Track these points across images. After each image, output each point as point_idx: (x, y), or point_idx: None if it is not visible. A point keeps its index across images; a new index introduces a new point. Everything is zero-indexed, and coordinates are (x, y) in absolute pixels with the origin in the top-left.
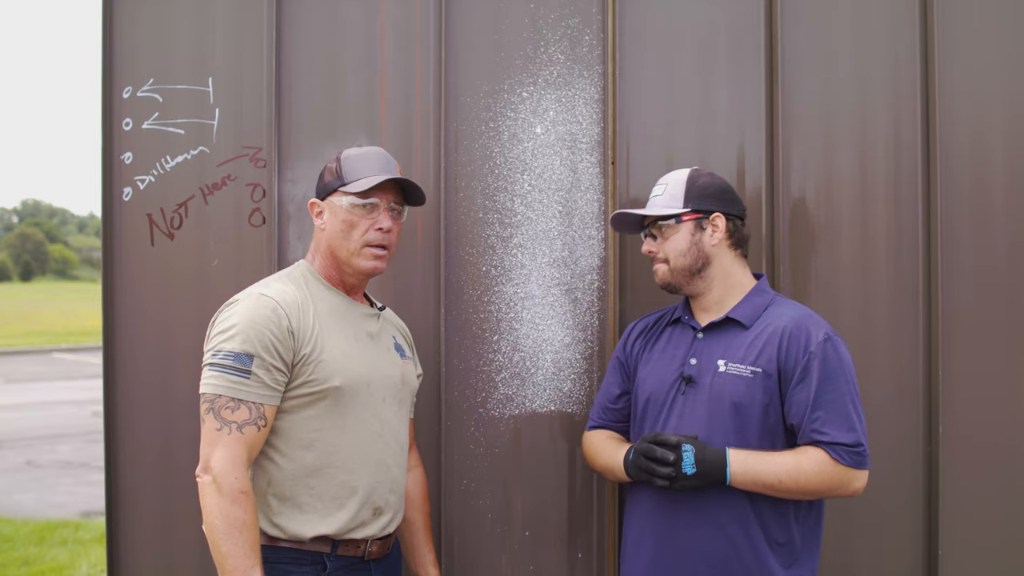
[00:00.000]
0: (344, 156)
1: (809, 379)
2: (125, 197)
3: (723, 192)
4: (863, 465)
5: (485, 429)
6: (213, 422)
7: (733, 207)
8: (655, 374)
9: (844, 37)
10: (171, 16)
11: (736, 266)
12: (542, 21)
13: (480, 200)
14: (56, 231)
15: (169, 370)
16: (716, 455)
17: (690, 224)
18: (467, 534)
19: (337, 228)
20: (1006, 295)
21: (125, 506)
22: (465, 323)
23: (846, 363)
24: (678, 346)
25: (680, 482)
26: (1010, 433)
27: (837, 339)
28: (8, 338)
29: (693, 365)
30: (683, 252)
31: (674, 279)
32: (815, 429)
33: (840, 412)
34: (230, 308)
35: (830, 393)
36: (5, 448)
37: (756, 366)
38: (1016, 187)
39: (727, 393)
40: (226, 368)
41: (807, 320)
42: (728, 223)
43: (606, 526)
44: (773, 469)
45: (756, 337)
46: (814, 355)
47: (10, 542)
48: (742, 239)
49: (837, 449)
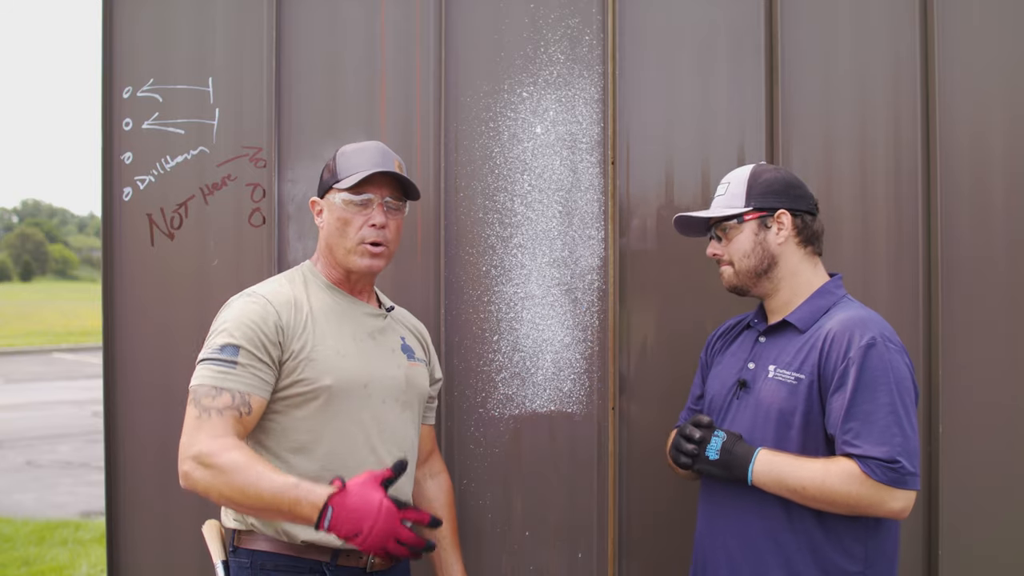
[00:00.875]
0: (340, 152)
1: (845, 386)
2: (125, 197)
3: (788, 187)
4: (902, 484)
5: (485, 429)
6: (192, 410)
7: (800, 202)
8: (720, 377)
9: (844, 37)
10: (171, 16)
11: (805, 265)
12: (542, 21)
13: (480, 200)
14: (56, 231)
15: (169, 370)
16: (745, 450)
17: (753, 223)
18: (467, 534)
19: (333, 226)
20: (1006, 295)
21: (125, 506)
22: (465, 323)
23: (893, 371)
24: (744, 350)
25: (699, 464)
26: (1010, 433)
27: (887, 344)
28: (8, 338)
29: (751, 370)
30: (747, 253)
31: (740, 281)
32: (847, 441)
33: (877, 423)
34: (222, 311)
35: (867, 403)
36: (5, 448)
37: (800, 372)
38: (1016, 186)
39: (772, 400)
40: (211, 360)
41: (856, 323)
42: (795, 219)
43: (606, 526)
44: (798, 474)
45: (806, 342)
46: (853, 360)
47: (10, 542)
48: (813, 235)
49: (869, 463)
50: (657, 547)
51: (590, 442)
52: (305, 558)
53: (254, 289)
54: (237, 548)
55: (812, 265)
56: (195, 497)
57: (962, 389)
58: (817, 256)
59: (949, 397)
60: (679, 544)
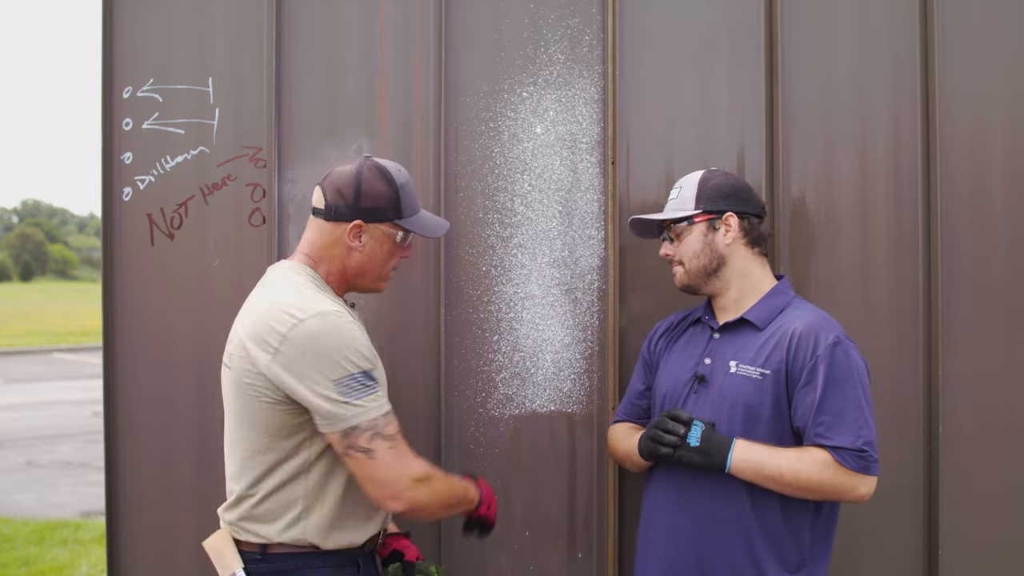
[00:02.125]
0: (401, 186)
1: (815, 382)
2: (125, 197)
3: (735, 191)
4: (869, 471)
5: (485, 429)
6: (382, 443)
7: (747, 205)
8: (672, 372)
9: (844, 37)
10: (171, 16)
11: (753, 265)
12: (542, 21)
13: (480, 200)
14: (56, 231)
15: (169, 370)
16: (723, 440)
17: (702, 225)
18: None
19: (379, 255)
20: (1007, 294)
21: (125, 506)
22: (465, 323)
23: (856, 368)
24: (696, 345)
25: (682, 451)
26: (1010, 434)
27: (848, 343)
28: (8, 338)
29: (707, 365)
30: (697, 253)
31: (691, 280)
32: (819, 433)
33: (846, 417)
34: (321, 335)
35: (836, 398)
36: (5, 448)
37: (766, 368)
38: (1016, 186)
39: (737, 394)
40: (366, 390)
41: (819, 324)
42: (742, 221)
43: (606, 526)
44: (776, 461)
45: (768, 339)
46: (821, 358)
47: (10, 542)
48: (759, 238)
49: (842, 453)
50: None
51: (590, 442)
52: (344, 550)
53: (322, 308)
54: (268, 554)
55: (760, 265)
56: (195, 498)
57: (962, 388)
58: (764, 257)
59: (949, 397)
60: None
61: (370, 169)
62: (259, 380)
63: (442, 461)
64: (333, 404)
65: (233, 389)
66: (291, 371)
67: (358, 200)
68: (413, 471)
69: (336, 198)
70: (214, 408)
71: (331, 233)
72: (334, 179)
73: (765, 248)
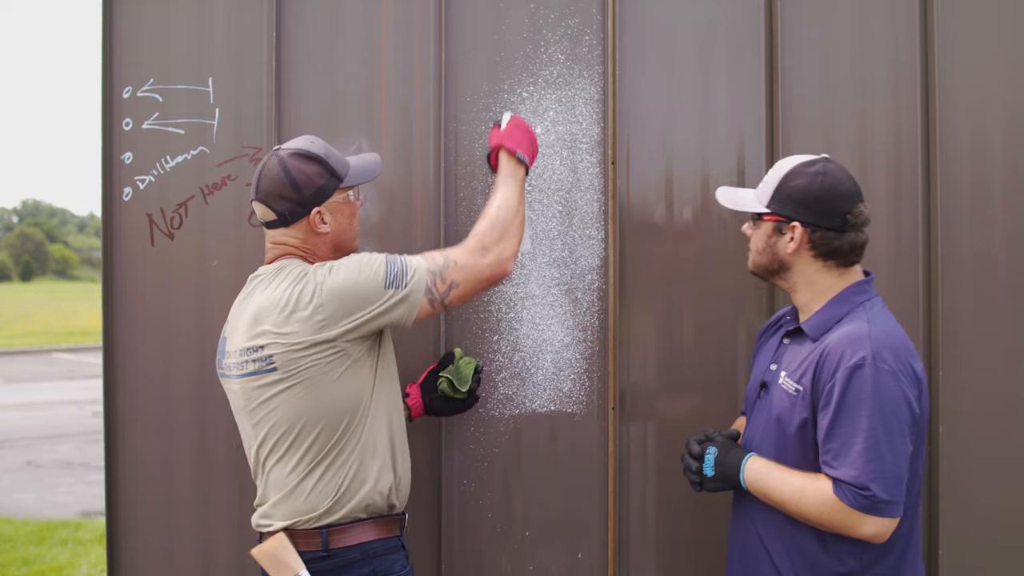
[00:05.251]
0: (324, 155)
1: (829, 406)
2: (125, 197)
3: (815, 199)
4: (873, 511)
5: (485, 429)
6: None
7: (823, 218)
8: (754, 374)
9: (844, 36)
10: (171, 16)
11: (822, 276)
12: (542, 21)
13: (480, 200)
14: (56, 231)
15: (169, 370)
16: (735, 459)
17: (769, 225)
18: (467, 534)
19: (345, 222)
20: (1007, 294)
21: (125, 506)
22: (465, 323)
23: (878, 394)
24: (772, 349)
25: (707, 484)
26: (1011, 435)
27: (879, 366)
28: (8, 338)
29: (772, 372)
30: (760, 250)
31: (755, 270)
32: (826, 461)
33: (853, 448)
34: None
35: (846, 426)
36: (5, 448)
37: (800, 384)
38: (1016, 186)
39: (776, 407)
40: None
41: (852, 340)
42: (811, 233)
43: (606, 526)
44: (780, 488)
45: (811, 352)
46: (837, 381)
47: (10, 542)
48: (833, 252)
49: (842, 487)
50: (657, 547)
51: (590, 442)
52: (396, 536)
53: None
54: (331, 549)
55: (832, 276)
56: (195, 498)
57: (962, 388)
58: (842, 268)
59: (949, 397)
60: (679, 543)
61: (290, 159)
62: (311, 355)
63: (442, 461)
64: (398, 295)
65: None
66: (347, 306)
67: (301, 193)
68: (480, 256)
69: (282, 203)
70: (214, 408)
71: (297, 232)
72: (267, 188)
73: (846, 261)
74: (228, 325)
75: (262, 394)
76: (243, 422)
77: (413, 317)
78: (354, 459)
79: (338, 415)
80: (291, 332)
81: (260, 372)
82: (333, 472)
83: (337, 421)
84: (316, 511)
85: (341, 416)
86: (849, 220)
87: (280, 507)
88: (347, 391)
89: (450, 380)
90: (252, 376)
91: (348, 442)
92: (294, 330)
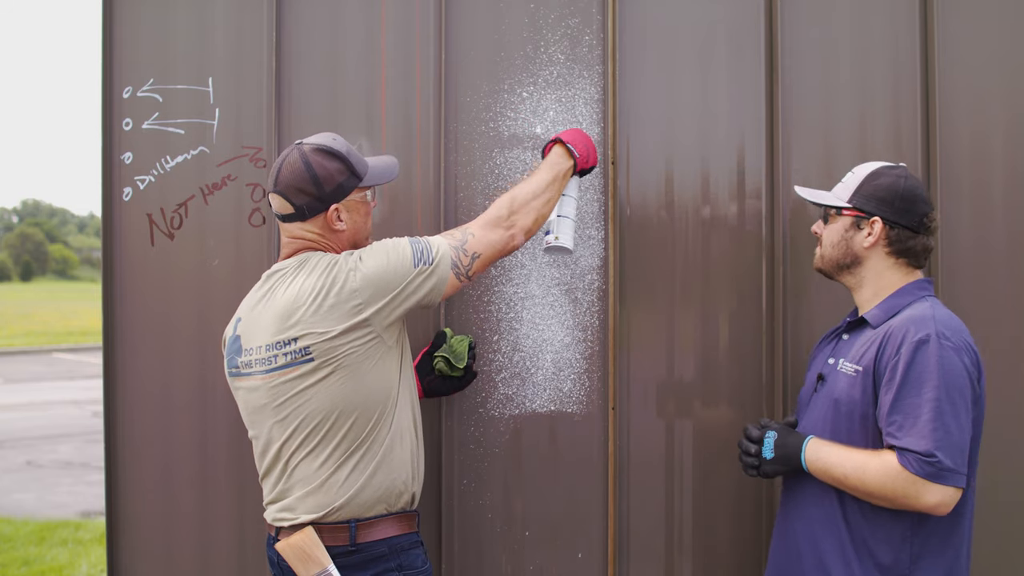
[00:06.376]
0: (346, 153)
1: (894, 380)
2: (125, 197)
3: (897, 198)
4: (938, 479)
5: (485, 429)
6: (471, 243)
7: (903, 216)
8: (809, 376)
9: (844, 36)
10: (171, 16)
11: (892, 273)
12: (542, 21)
13: (480, 200)
14: (56, 231)
15: (169, 370)
16: (796, 440)
17: (848, 220)
18: (467, 534)
19: (360, 220)
20: (1007, 294)
21: (125, 506)
22: (465, 323)
23: (944, 368)
24: (829, 347)
25: (764, 467)
26: (1011, 437)
27: (943, 342)
28: (8, 338)
29: (830, 365)
30: (834, 244)
31: (824, 266)
32: (890, 433)
33: (919, 418)
34: (372, 256)
35: (912, 397)
36: (5, 448)
37: (859, 364)
38: (1016, 185)
39: (834, 390)
40: (426, 249)
41: (915, 320)
42: (889, 230)
43: (606, 526)
44: (842, 463)
45: (872, 336)
46: (902, 356)
47: (10, 542)
48: (906, 250)
49: (907, 455)
50: (657, 547)
51: (590, 442)
52: (416, 532)
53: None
54: (359, 544)
55: (901, 274)
56: (195, 498)
57: None
58: (911, 268)
59: None
60: (679, 543)
61: (312, 154)
62: (348, 342)
63: (442, 461)
64: (427, 271)
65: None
66: (381, 289)
67: (322, 188)
68: (493, 226)
69: (301, 197)
70: (214, 408)
71: (313, 226)
72: (287, 181)
73: (916, 262)
74: (241, 324)
75: (294, 387)
76: (264, 420)
77: (442, 292)
78: (384, 449)
79: (372, 404)
80: (327, 319)
81: (293, 364)
82: (365, 463)
83: (371, 410)
84: (346, 503)
85: (375, 405)
86: (924, 223)
87: (307, 500)
88: (382, 380)
89: (446, 359)
90: (283, 369)
91: (380, 432)
92: (330, 317)
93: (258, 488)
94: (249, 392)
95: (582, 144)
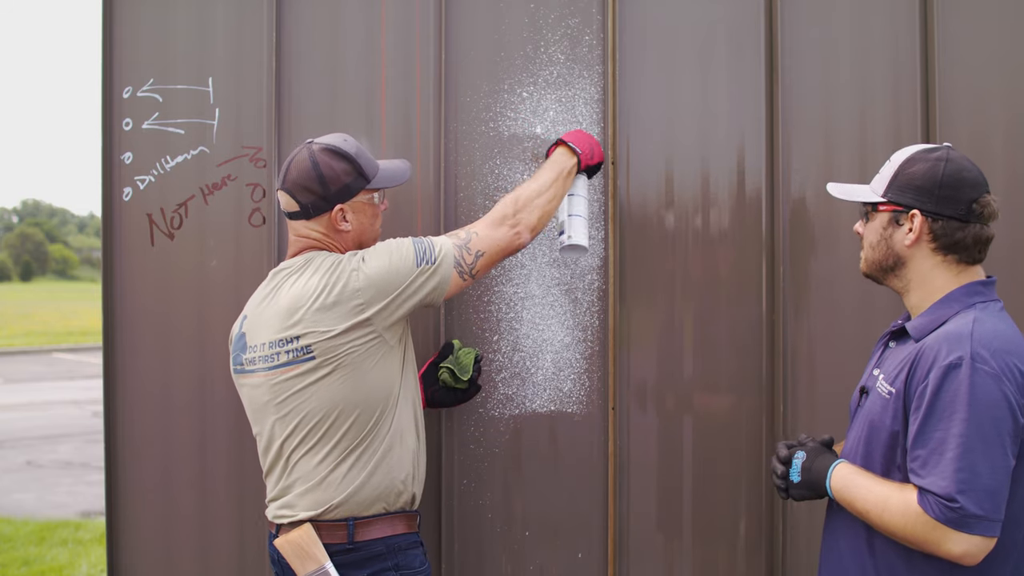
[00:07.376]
0: (356, 154)
1: (919, 409)
2: (125, 197)
3: (937, 186)
4: (962, 527)
5: (485, 429)
6: (475, 242)
7: (945, 205)
8: (861, 381)
9: (844, 36)
10: (171, 16)
11: (939, 273)
12: (542, 21)
13: (480, 200)
14: (56, 231)
15: (169, 370)
16: (823, 464)
17: (885, 216)
18: (467, 534)
19: (367, 222)
20: (1007, 296)
21: (125, 506)
22: (465, 323)
23: (976, 397)
24: (878, 353)
25: (792, 491)
26: None
27: (978, 367)
28: (8, 338)
29: (874, 376)
30: (873, 245)
31: (868, 270)
32: (912, 469)
33: (943, 455)
34: (376, 256)
35: (937, 430)
36: (5, 448)
37: (892, 386)
38: (1016, 185)
39: (869, 411)
40: (429, 247)
41: (952, 338)
42: (931, 223)
43: (606, 526)
44: (865, 496)
45: (908, 352)
46: (931, 381)
47: (10, 542)
48: (954, 245)
49: (927, 497)
50: (657, 547)
51: (590, 442)
52: (416, 532)
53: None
54: (357, 542)
55: (951, 274)
56: (195, 498)
57: None
58: (962, 265)
59: None
60: (679, 544)
61: (320, 153)
62: (350, 341)
63: (442, 461)
64: (429, 270)
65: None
66: (384, 289)
67: (327, 188)
68: (498, 225)
69: (306, 195)
70: (214, 408)
71: (319, 225)
72: (294, 178)
73: (969, 257)
74: (247, 321)
75: (294, 385)
76: (266, 417)
77: (445, 292)
78: (384, 448)
79: (373, 403)
80: (329, 318)
81: (294, 362)
82: (364, 461)
83: (372, 409)
84: (344, 500)
85: (376, 404)
86: (975, 209)
87: (306, 497)
88: (383, 379)
89: (451, 370)
90: (285, 367)
91: (380, 431)
92: (332, 316)
93: (258, 488)
94: (252, 389)
95: (584, 142)
